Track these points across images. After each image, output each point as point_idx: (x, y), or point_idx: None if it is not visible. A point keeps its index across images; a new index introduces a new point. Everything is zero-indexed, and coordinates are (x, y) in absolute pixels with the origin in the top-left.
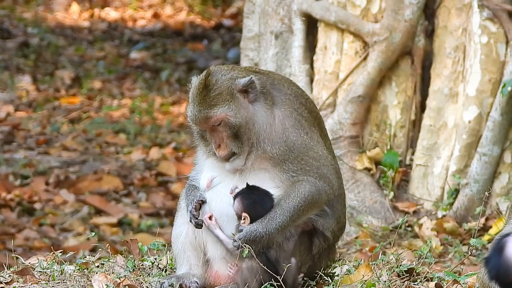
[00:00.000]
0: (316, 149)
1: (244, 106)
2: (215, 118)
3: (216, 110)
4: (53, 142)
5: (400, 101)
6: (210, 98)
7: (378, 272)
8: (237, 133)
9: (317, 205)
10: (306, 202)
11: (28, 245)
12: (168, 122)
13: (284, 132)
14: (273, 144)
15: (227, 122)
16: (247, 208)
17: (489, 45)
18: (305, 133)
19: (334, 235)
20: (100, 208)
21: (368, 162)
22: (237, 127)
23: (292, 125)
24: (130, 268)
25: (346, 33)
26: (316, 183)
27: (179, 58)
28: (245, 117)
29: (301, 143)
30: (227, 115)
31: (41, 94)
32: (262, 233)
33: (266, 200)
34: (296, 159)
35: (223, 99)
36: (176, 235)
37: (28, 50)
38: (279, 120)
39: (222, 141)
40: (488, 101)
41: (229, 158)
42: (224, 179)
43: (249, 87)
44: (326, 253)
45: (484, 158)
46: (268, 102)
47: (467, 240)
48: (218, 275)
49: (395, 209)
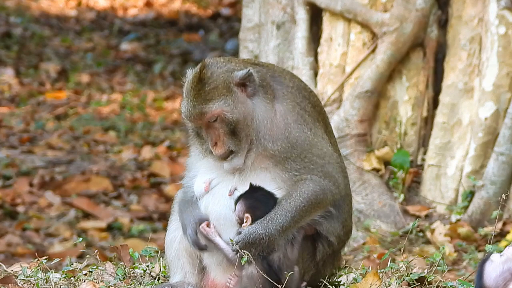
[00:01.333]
0: (321, 146)
1: (242, 101)
2: (211, 113)
3: (212, 105)
4: (37, 140)
5: (411, 97)
6: (205, 92)
7: (387, 280)
8: (235, 130)
9: (322, 206)
10: (309, 202)
11: (10, 251)
12: (161, 118)
13: (286, 127)
14: (274, 140)
15: (223, 118)
16: (249, 208)
17: (507, 36)
18: (309, 128)
19: (340, 240)
20: (88, 212)
21: (376, 162)
22: (234, 123)
23: (295, 120)
24: (120, 276)
25: (353, 23)
26: (321, 182)
27: (173, 50)
28: (242, 112)
29: (304, 139)
30: (223, 110)
31: (25, 88)
32: (261, 235)
33: (270, 201)
34: (299, 156)
35: (219, 93)
36: (170, 240)
37: (11, 41)
38: (280, 115)
39: (218, 138)
40: (506, 96)
41: (227, 156)
42: (222, 180)
43: (247, 80)
44: (330, 259)
45: (502, 158)
46: (269, 96)
47: (483, 246)
48: (215, 284)
49: (405, 212)
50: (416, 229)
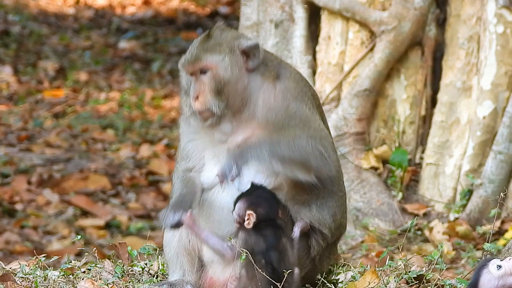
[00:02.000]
0: (318, 123)
1: (240, 68)
2: (205, 63)
3: (209, 56)
4: (35, 138)
5: (409, 95)
6: (209, 45)
7: (385, 279)
8: (222, 91)
9: (306, 167)
10: (295, 156)
11: (8, 249)
12: (159, 117)
13: (285, 100)
14: (271, 110)
15: (215, 74)
16: (252, 205)
17: (505, 35)
18: (308, 108)
19: (332, 233)
20: (86, 209)
21: (375, 161)
22: (224, 83)
23: (295, 97)
24: (118, 274)
25: (351, 21)
26: (317, 146)
27: (171, 48)
28: (236, 77)
29: (302, 113)
30: (218, 65)
31: (23, 86)
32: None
33: (272, 198)
34: (294, 127)
35: (221, 50)
36: (169, 238)
37: (9, 39)
38: (280, 91)
39: (202, 93)
40: (504, 95)
41: (206, 118)
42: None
43: (253, 51)
44: (326, 254)
45: (500, 157)
46: (271, 75)
47: (481, 244)
48: (213, 281)
49: (403, 211)
50: (414, 227)
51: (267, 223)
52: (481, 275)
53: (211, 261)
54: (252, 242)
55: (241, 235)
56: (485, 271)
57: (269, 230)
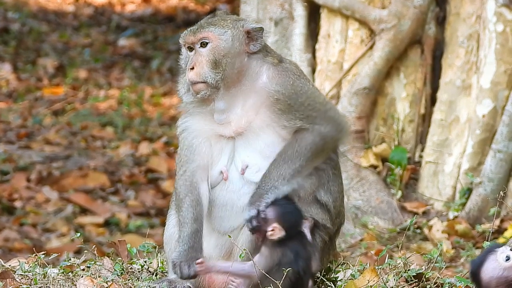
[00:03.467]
0: (322, 96)
1: (240, 44)
2: (206, 33)
3: (212, 28)
4: (35, 135)
5: (409, 94)
6: (213, 20)
7: (384, 277)
8: (219, 63)
9: (322, 154)
10: (309, 153)
11: (8, 247)
12: (158, 114)
13: (290, 77)
14: (280, 85)
15: (215, 46)
16: (279, 217)
17: (505, 33)
18: (311, 84)
19: (333, 222)
20: (86, 207)
21: (374, 159)
22: (222, 54)
23: (298, 76)
24: (118, 271)
25: (351, 20)
26: (321, 131)
27: (171, 46)
28: (235, 53)
29: (308, 89)
30: (219, 37)
31: (22, 83)
32: (269, 192)
33: (297, 209)
34: (303, 104)
35: (224, 25)
36: (169, 236)
37: (8, 36)
38: (284, 69)
39: (199, 64)
40: (504, 93)
41: (199, 90)
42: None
43: (257, 34)
44: (326, 249)
45: (499, 155)
46: (273, 58)
47: (481, 243)
48: (212, 280)
49: (403, 209)
50: (413, 225)
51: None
52: (486, 260)
53: (211, 258)
54: (279, 255)
55: (264, 250)
56: (492, 258)
57: (295, 240)
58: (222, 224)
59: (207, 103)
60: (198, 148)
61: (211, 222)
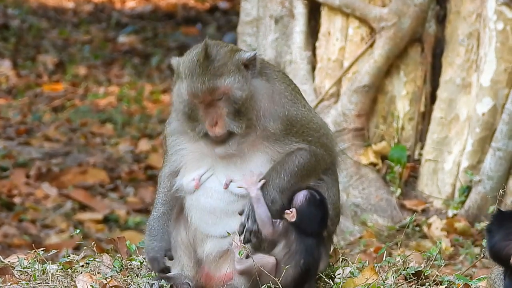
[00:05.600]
0: (316, 120)
1: (247, 80)
2: (222, 89)
3: (223, 80)
4: (34, 131)
5: (409, 92)
6: (215, 68)
7: (383, 275)
8: (239, 110)
9: (314, 173)
10: (302, 168)
11: (7, 242)
12: (158, 111)
13: (284, 106)
14: (274, 119)
15: (230, 96)
16: (301, 207)
17: (505, 32)
18: (303, 105)
19: (332, 222)
20: (85, 203)
21: (373, 157)
22: (240, 101)
23: (291, 99)
24: (117, 268)
25: (351, 17)
26: (316, 151)
27: (170, 43)
28: (249, 92)
29: (302, 115)
30: (232, 87)
31: (22, 80)
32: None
33: (324, 212)
34: (298, 132)
35: (228, 70)
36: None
37: (8, 32)
38: (277, 95)
39: (220, 118)
40: (504, 92)
41: (225, 139)
42: (213, 172)
43: (252, 62)
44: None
45: (499, 153)
46: (264, 78)
47: (480, 241)
48: (210, 277)
49: (402, 207)
50: (413, 223)
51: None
52: (505, 220)
53: (208, 257)
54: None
55: (284, 241)
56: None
57: (311, 237)
58: (217, 229)
59: (220, 143)
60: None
61: (204, 227)
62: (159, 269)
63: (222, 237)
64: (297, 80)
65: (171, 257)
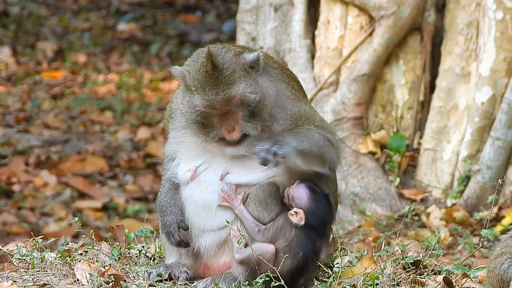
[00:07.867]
0: (318, 117)
1: (256, 82)
2: (238, 96)
3: (237, 88)
4: (33, 119)
5: (408, 81)
6: (226, 77)
7: (382, 264)
8: (253, 112)
9: (324, 157)
10: (317, 145)
11: (5, 230)
12: (157, 99)
13: (286, 105)
14: (279, 119)
15: (244, 100)
16: (308, 208)
17: (505, 21)
18: (304, 103)
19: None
20: (84, 191)
21: (372, 146)
22: (255, 104)
23: (292, 98)
24: (115, 256)
25: (350, 6)
26: (326, 135)
27: (170, 31)
28: (260, 92)
29: (304, 112)
30: (246, 91)
31: (21, 67)
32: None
33: (329, 212)
34: (304, 123)
35: (239, 76)
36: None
37: (8, 20)
38: (279, 94)
39: (236, 123)
40: (503, 81)
41: (239, 141)
42: (209, 165)
43: (257, 62)
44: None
45: (498, 143)
46: (267, 77)
47: (478, 230)
48: (207, 267)
49: (401, 196)
50: (411, 213)
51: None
52: None
53: (205, 247)
54: (297, 241)
55: (288, 234)
56: None
57: (314, 233)
58: (214, 222)
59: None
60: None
61: (199, 222)
62: (176, 243)
63: (219, 229)
64: (297, 69)
65: (186, 228)
